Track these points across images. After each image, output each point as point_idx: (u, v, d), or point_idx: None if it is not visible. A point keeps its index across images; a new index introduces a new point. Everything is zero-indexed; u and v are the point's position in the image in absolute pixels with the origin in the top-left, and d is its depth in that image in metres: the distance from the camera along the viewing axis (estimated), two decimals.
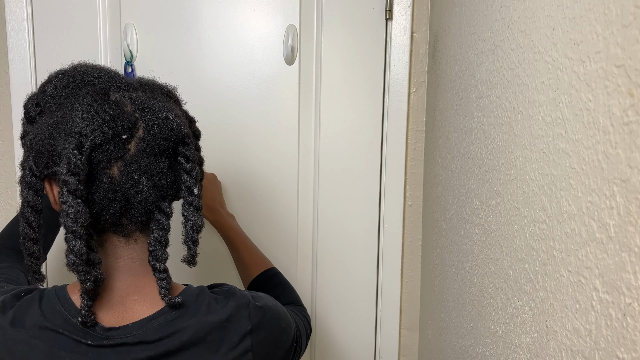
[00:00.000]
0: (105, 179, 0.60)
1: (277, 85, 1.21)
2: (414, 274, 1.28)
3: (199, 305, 0.66)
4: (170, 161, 0.64)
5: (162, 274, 0.64)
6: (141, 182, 0.61)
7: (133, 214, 0.62)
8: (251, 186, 1.24)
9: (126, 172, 0.60)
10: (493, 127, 0.73)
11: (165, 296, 0.64)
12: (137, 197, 0.61)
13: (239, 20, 1.20)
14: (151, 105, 0.63)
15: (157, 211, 0.64)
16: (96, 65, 0.67)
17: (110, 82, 0.64)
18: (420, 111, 1.24)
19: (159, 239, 0.64)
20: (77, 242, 0.57)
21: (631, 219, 0.41)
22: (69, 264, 0.58)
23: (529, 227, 0.61)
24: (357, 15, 1.21)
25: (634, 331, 0.40)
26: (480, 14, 0.80)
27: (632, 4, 0.41)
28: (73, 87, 0.63)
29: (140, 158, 0.61)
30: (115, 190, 0.60)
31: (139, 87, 0.66)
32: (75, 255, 0.58)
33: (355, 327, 1.30)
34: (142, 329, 0.63)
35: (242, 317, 0.67)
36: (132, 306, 0.64)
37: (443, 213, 1.03)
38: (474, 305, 0.81)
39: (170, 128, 0.63)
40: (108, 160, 0.59)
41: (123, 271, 0.65)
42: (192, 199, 0.65)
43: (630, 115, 0.41)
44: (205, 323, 0.64)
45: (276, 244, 1.26)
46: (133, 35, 1.21)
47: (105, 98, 0.61)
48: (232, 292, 0.69)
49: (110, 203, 0.60)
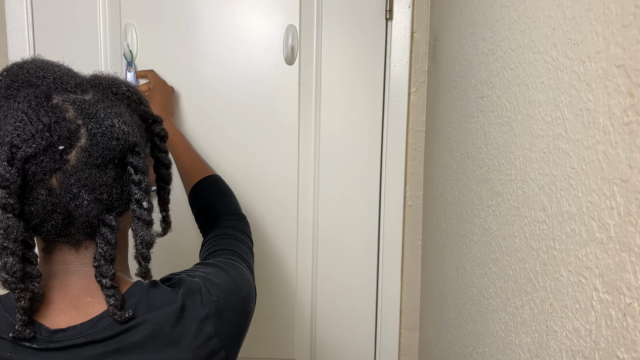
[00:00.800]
0: (42, 191, 0.55)
1: (277, 85, 1.21)
2: (414, 274, 1.28)
3: (150, 300, 0.62)
4: (117, 171, 0.59)
5: (109, 291, 0.59)
6: (81, 196, 0.56)
7: (77, 225, 0.58)
8: (251, 186, 1.24)
9: (65, 185, 0.56)
10: (493, 127, 0.73)
11: (114, 314, 0.59)
12: (78, 210, 0.57)
13: (239, 20, 1.20)
14: (96, 110, 0.57)
15: (102, 225, 0.59)
16: (45, 62, 0.60)
17: (55, 84, 0.58)
18: (420, 111, 1.24)
19: (103, 254, 0.59)
20: (9, 259, 0.53)
21: (631, 219, 0.41)
22: (1, 281, 0.54)
23: (529, 227, 0.61)
24: (357, 15, 1.21)
25: (634, 331, 0.40)
26: (480, 14, 0.80)
27: (632, 4, 0.41)
28: (15, 88, 0.57)
29: (81, 169, 0.56)
30: (55, 202, 0.56)
31: (89, 87, 0.61)
32: (7, 272, 0.54)
33: (355, 327, 1.30)
34: (92, 329, 0.59)
35: (196, 304, 0.63)
36: (85, 308, 0.61)
37: (443, 213, 1.03)
38: (474, 305, 0.81)
39: (116, 137, 0.57)
40: (44, 173, 0.55)
41: (75, 275, 0.61)
42: (141, 213, 0.60)
43: (630, 115, 0.41)
44: (159, 317, 0.61)
45: (276, 244, 1.26)
46: (133, 35, 1.21)
47: (44, 103, 0.56)
48: (181, 280, 0.65)
49: (50, 215, 0.56)
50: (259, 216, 1.25)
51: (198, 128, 1.23)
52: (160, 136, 0.69)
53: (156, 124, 0.68)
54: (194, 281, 0.66)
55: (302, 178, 1.25)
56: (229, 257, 0.75)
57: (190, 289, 0.64)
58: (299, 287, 1.28)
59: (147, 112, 0.67)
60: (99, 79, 0.63)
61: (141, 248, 0.61)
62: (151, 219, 0.62)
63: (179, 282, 0.65)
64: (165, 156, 0.71)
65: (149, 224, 0.61)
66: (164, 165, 0.71)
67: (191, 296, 0.64)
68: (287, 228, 1.26)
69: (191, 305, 0.63)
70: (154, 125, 0.68)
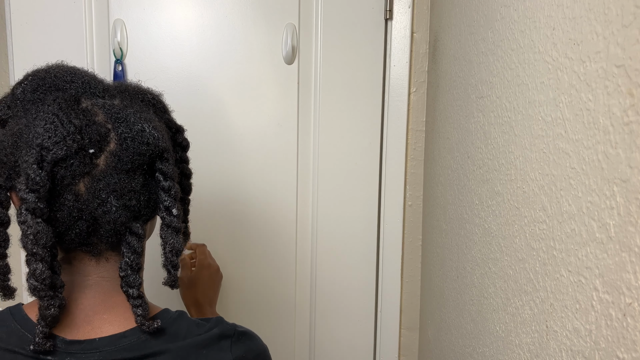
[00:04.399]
0: (70, 196, 0.54)
1: (276, 84, 1.21)
2: (414, 274, 1.28)
3: (176, 329, 0.60)
4: (145, 178, 0.58)
5: (136, 301, 0.58)
6: (109, 202, 0.55)
7: (102, 234, 0.56)
8: (250, 187, 1.24)
9: (93, 190, 0.54)
10: (493, 127, 0.73)
11: (142, 324, 0.57)
12: (105, 217, 0.55)
13: (236, 18, 1.19)
14: (126, 115, 0.57)
15: (128, 233, 0.58)
16: (72, 68, 0.60)
17: (84, 88, 0.58)
18: (420, 111, 1.24)
19: (130, 264, 0.58)
20: (38, 266, 0.52)
21: (631, 219, 0.41)
22: (30, 289, 0.52)
23: (529, 227, 0.61)
24: (357, 14, 1.21)
25: (634, 331, 0.40)
26: (480, 14, 0.80)
27: (632, 4, 0.41)
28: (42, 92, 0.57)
29: (110, 174, 0.55)
30: (81, 208, 0.54)
31: (116, 93, 0.60)
32: (37, 279, 0.52)
33: (355, 327, 1.30)
34: (111, 346, 0.57)
35: (224, 347, 0.61)
36: (100, 325, 0.58)
37: (443, 213, 1.03)
38: (474, 305, 0.81)
39: (146, 142, 0.56)
40: (73, 177, 0.53)
41: (92, 289, 0.59)
42: (170, 220, 0.59)
43: (630, 115, 0.41)
44: (182, 348, 0.59)
45: (275, 245, 1.26)
46: (123, 32, 1.16)
47: (74, 106, 0.55)
48: (218, 320, 0.64)
49: (75, 222, 0.55)
50: (258, 216, 1.25)
51: (194, 129, 1.21)
52: (182, 146, 0.68)
53: (179, 134, 0.67)
54: (230, 325, 0.64)
55: (302, 178, 1.25)
56: None
57: (224, 331, 0.62)
58: (298, 287, 1.28)
59: (171, 120, 0.66)
60: (124, 85, 0.62)
61: (171, 256, 0.59)
62: (181, 226, 0.60)
63: (214, 321, 0.63)
64: (186, 166, 0.70)
65: (179, 231, 0.60)
66: (185, 175, 0.70)
67: (222, 338, 0.62)
68: (286, 228, 1.26)
69: (218, 347, 0.61)
70: (177, 134, 0.67)
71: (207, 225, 1.22)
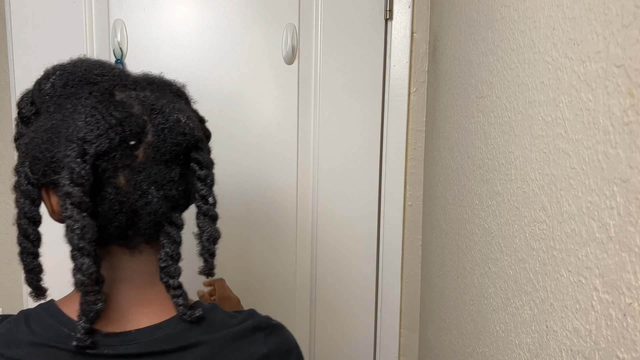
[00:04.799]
0: (110, 190, 0.54)
1: (276, 84, 1.21)
2: (414, 274, 1.28)
3: (212, 320, 0.60)
4: (181, 168, 0.58)
5: (177, 291, 0.59)
6: (150, 193, 0.55)
7: (140, 226, 0.56)
8: (250, 186, 1.24)
9: (134, 182, 0.55)
10: (493, 127, 0.73)
11: (184, 313, 0.58)
12: (146, 208, 0.55)
13: (236, 18, 1.19)
14: (161, 106, 0.57)
15: (168, 223, 0.58)
16: (98, 61, 0.60)
17: (115, 80, 0.58)
18: (420, 111, 1.24)
19: (170, 254, 0.58)
20: (85, 260, 0.52)
21: (631, 219, 0.41)
22: (77, 284, 0.52)
23: (529, 227, 0.61)
24: (357, 14, 1.21)
25: (634, 331, 0.40)
26: (480, 14, 0.80)
27: (632, 4, 0.41)
28: (73, 86, 0.56)
29: (150, 166, 0.55)
30: (122, 201, 0.54)
31: (146, 85, 0.60)
32: (83, 274, 0.52)
33: (355, 327, 1.30)
34: (146, 338, 0.57)
35: (258, 340, 0.61)
36: (135, 317, 0.59)
37: (443, 213, 1.03)
38: (474, 305, 0.81)
39: (182, 132, 0.57)
40: (114, 169, 0.54)
41: (126, 283, 0.59)
42: (207, 209, 0.60)
43: (630, 115, 0.41)
44: (218, 340, 0.59)
45: (275, 245, 1.26)
46: (123, 32, 1.16)
47: (111, 99, 0.55)
48: (250, 312, 0.64)
49: (116, 215, 0.55)
50: (258, 216, 1.25)
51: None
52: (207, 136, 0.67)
53: (203, 124, 0.67)
54: (263, 316, 0.64)
55: (302, 178, 1.25)
56: None
57: (258, 323, 0.62)
58: (298, 287, 1.28)
59: (195, 111, 0.66)
60: (150, 77, 0.62)
61: (208, 244, 0.60)
62: (217, 214, 0.61)
63: (247, 313, 0.63)
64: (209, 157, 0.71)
65: (215, 219, 0.61)
66: None
67: (256, 330, 0.62)
68: (286, 228, 1.26)
69: (252, 339, 0.61)
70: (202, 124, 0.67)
71: None
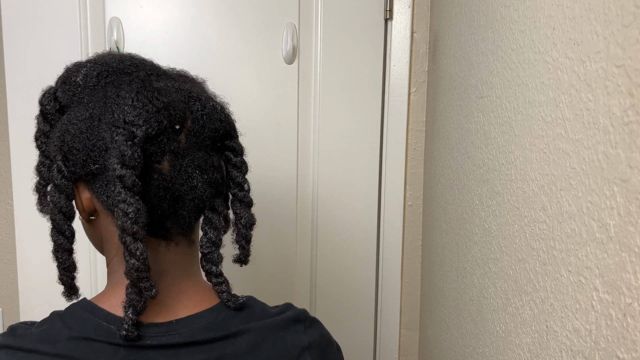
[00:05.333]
0: (156, 175, 0.53)
1: (276, 84, 1.21)
2: (414, 274, 1.28)
3: (252, 309, 0.60)
4: (218, 155, 0.60)
5: (219, 278, 0.58)
6: (195, 177, 0.55)
7: (182, 214, 0.56)
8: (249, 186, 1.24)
9: (178, 167, 0.54)
10: (493, 127, 0.73)
11: (229, 300, 0.58)
12: (191, 193, 0.55)
13: (235, 16, 1.19)
14: (197, 94, 0.58)
15: (210, 210, 0.58)
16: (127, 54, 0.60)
17: (150, 71, 0.58)
18: (420, 111, 1.24)
19: (213, 240, 0.58)
20: (139, 245, 0.51)
21: (631, 219, 0.41)
22: (131, 270, 0.51)
23: (529, 227, 0.61)
24: (357, 14, 1.21)
25: (634, 331, 0.40)
26: (480, 14, 0.80)
27: (632, 4, 0.41)
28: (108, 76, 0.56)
29: (192, 151, 0.55)
30: (167, 187, 0.54)
31: (176, 77, 0.61)
32: (137, 259, 0.51)
33: (355, 327, 1.30)
34: (189, 327, 0.56)
35: (299, 331, 0.60)
36: (175, 308, 0.57)
37: (443, 213, 1.03)
38: (474, 306, 0.81)
39: (219, 119, 0.58)
40: (161, 154, 0.53)
41: (162, 275, 0.57)
42: (243, 195, 0.62)
43: (631, 115, 0.41)
44: (262, 328, 0.58)
45: (275, 245, 1.26)
46: (120, 31, 1.14)
47: (151, 86, 0.55)
48: (288, 305, 0.63)
49: (160, 202, 0.54)
50: (258, 216, 1.25)
51: None
52: None
53: None
54: (301, 309, 0.64)
55: (301, 178, 1.25)
56: None
57: (297, 315, 0.62)
58: (298, 287, 1.28)
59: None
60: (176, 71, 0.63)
61: (244, 230, 0.62)
62: (252, 199, 0.63)
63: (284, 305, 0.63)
64: None
65: (251, 205, 0.63)
66: None
67: (297, 322, 0.61)
68: (286, 228, 1.26)
69: (294, 329, 0.60)
70: None
71: None
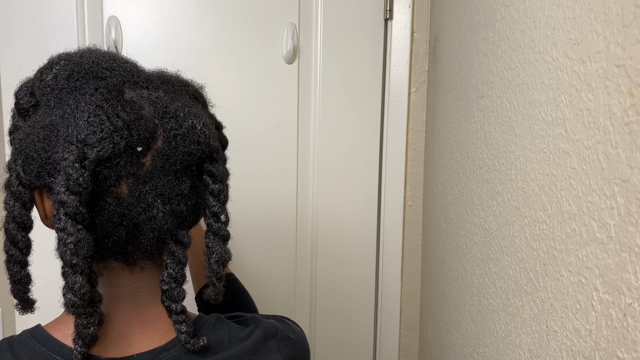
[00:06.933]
0: (111, 200, 0.47)
1: (276, 84, 1.21)
2: (414, 274, 1.28)
3: (219, 337, 0.55)
4: (192, 181, 0.52)
5: (179, 316, 0.52)
6: (155, 206, 0.49)
7: (142, 242, 0.50)
8: (249, 186, 1.24)
9: (138, 193, 0.48)
10: (493, 127, 0.73)
11: (187, 342, 0.52)
12: (149, 223, 0.49)
13: (235, 16, 1.18)
14: (175, 109, 0.50)
15: (172, 241, 0.52)
16: (109, 53, 0.53)
17: (126, 77, 0.51)
18: (420, 111, 1.24)
19: (174, 275, 0.52)
20: (77, 278, 0.46)
21: (631, 219, 0.41)
22: (67, 304, 0.47)
23: (530, 227, 0.60)
24: (357, 14, 1.21)
25: (635, 331, 0.40)
26: (480, 14, 0.80)
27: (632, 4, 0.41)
28: (78, 79, 0.49)
29: (157, 176, 0.49)
30: (123, 214, 0.48)
31: (160, 84, 0.53)
32: (75, 294, 0.46)
33: (355, 327, 1.30)
34: None
35: (271, 350, 0.57)
36: (138, 340, 0.53)
37: (443, 213, 1.03)
38: (474, 306, 0.81)
39: (197, 140, 0.50)
40: (117, 178, 0.47)
41: (126, 301, 0.53)
42: (218, 227, 0.54)
43: (631, 115, 0.41)
44: (230, 358, 0.54)
45: (275, 244, 1.26)
46: (118, 30, 1.13)
47: (119, 97, 0.48)
48: (255, 320, 0.59)
49: (115, 229, 0.48)
50: (258, 217, 1.25)
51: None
52: (222, 144, 0.62)
53: (220, 130, 0.61)
54: (270, 322, 0.60)
55: (301, 178, 1.25)
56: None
57: (266, 331, 0.58)
58: (298, 287, 1.28)
59: (212, 116, 0.60)
60: (166, 75, 0.56)
61: (217, 267, 0.54)
62: (229, 233, 0.55)
63: (252, 321, 0.59)
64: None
65: (226, 239, 0.55)
66: None
67: (268, 339, 0.58)
68: (286, 228, 1.26)
69: (266, 350, 0.57)
70: (219, 131, 0.61)
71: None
